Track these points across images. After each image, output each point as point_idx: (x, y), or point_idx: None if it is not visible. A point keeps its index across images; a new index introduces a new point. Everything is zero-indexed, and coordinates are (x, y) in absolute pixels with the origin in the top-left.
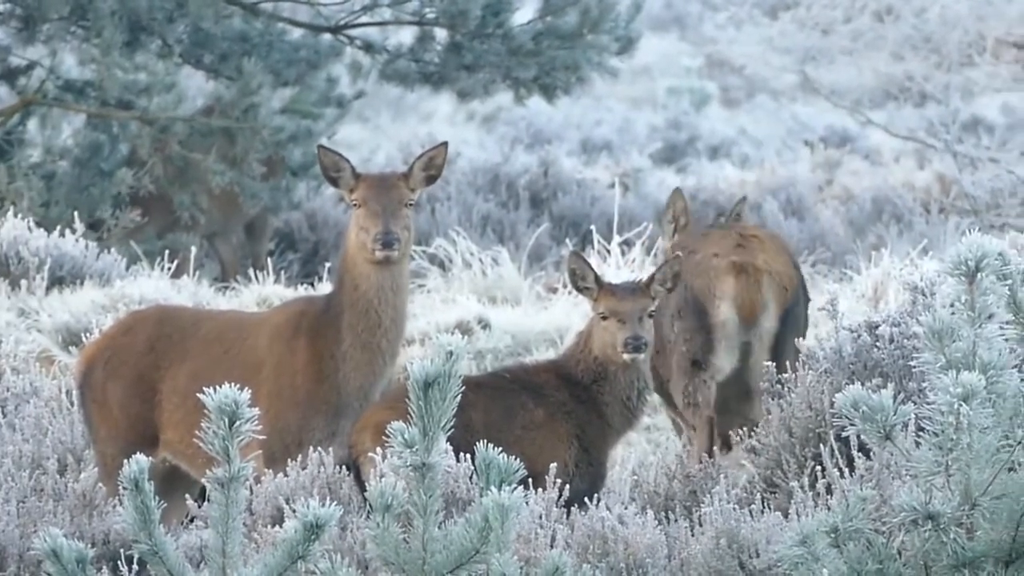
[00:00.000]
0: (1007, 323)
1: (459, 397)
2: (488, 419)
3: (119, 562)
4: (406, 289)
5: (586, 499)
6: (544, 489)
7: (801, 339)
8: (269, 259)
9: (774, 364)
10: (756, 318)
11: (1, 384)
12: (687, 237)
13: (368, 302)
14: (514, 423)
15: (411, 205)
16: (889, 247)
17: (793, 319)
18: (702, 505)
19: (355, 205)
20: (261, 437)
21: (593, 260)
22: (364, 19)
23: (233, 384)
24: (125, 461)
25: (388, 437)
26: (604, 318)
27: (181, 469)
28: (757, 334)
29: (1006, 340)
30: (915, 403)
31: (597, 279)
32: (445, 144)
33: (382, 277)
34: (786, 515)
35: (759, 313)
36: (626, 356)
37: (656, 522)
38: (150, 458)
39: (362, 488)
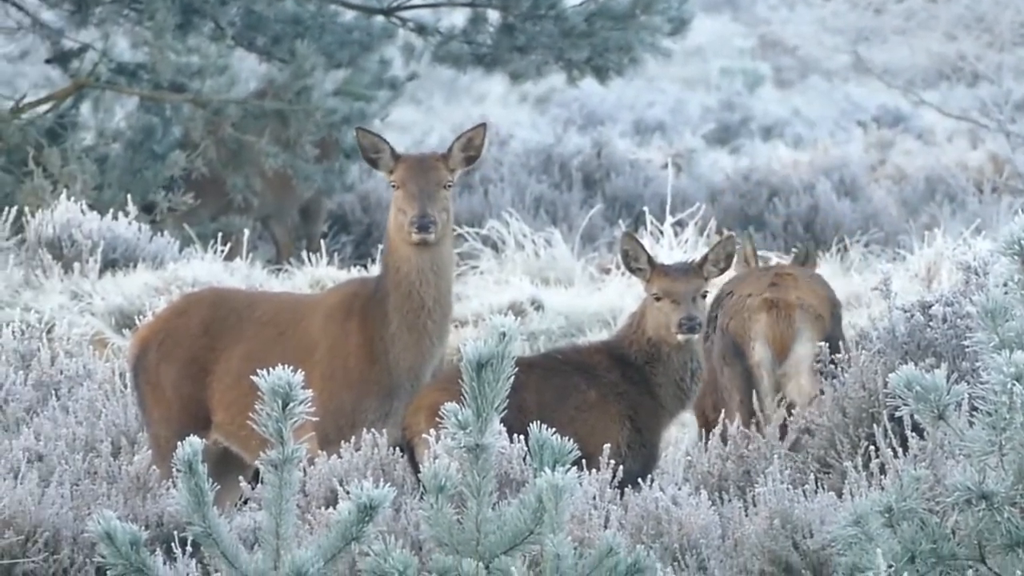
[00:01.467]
0: None
1: (512, 378)
2: (541, 400)
3: (172, 544)
4: (449, 270)
5: (640, 480)
6: (597, 470)
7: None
8: (322, 241)
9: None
10: (788, 351)
11: (55, 367)
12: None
13: (410, 284)
14: (567, 404)
15: (449, 187)
16: (942, 227)
17: (833, 346)
18: (756, 485)
19: (394, 187)
20: (314, 419)
21: (646, 241)
22: (416, 1)
23: (287, 366)
24: (178, 443)
25: (442, 418)
26: (657, 299)
27: (234, 451)
28: (792, 363)
29: None
30: (968, 383)
31: (650, 260)
32: (484, 125)
33: (422, 259)
34: (840, 495)
35: (791, 344)
36: (680, 336)
37: (710, 502)
38: (203, 440)
39: (416, 469)
